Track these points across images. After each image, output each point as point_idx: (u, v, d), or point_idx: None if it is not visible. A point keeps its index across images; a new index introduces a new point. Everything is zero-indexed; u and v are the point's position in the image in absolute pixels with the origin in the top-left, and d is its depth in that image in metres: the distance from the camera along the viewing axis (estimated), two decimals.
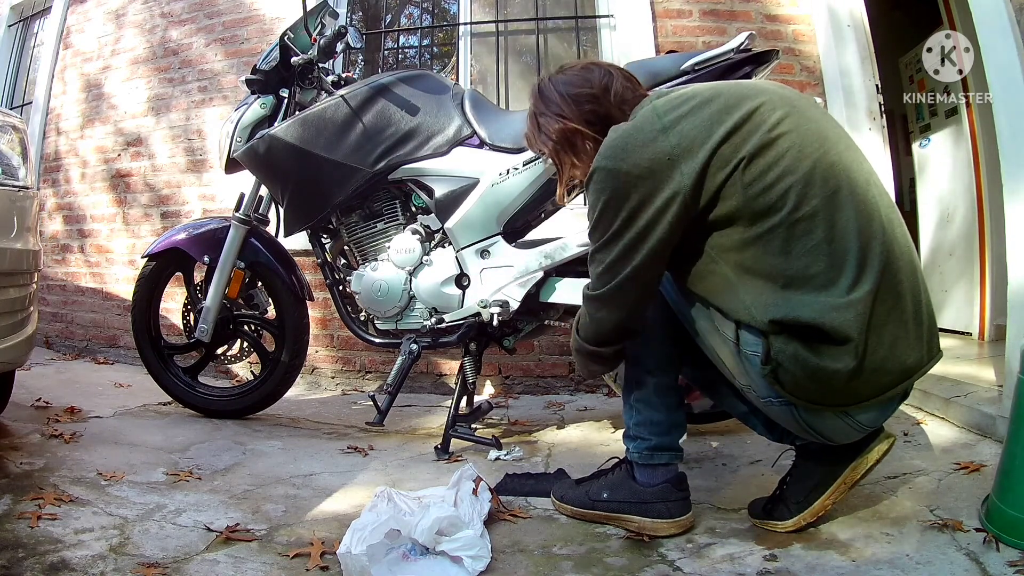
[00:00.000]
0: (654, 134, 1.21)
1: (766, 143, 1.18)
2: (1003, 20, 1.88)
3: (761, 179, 1.17)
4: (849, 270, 1.16)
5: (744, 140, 1.18)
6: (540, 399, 2.82)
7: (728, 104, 1.21)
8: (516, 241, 2.08)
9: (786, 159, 1.17)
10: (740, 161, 1.17)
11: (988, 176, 2.96)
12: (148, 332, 2.48)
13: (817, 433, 1.28)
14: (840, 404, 1.21)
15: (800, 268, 1.16)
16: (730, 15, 2.99)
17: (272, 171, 2.20)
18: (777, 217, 1.16)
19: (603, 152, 1.25)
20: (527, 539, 1.42)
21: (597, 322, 1.32)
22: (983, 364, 2.41)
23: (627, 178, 1.20)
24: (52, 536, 1.38)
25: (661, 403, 1.42)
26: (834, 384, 1.17)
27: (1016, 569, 1.16)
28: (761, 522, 1.40)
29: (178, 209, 3.58)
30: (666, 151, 1.19)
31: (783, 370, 1.19)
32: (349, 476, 1.83)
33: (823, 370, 1.16)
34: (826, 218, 1.16)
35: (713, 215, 1.20)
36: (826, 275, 1.16)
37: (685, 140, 1.19)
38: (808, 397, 1.21)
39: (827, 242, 1.16)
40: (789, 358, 1.18)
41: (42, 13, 4.47)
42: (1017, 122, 1.86)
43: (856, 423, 1.25)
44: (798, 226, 1.16)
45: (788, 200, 1.16)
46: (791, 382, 1.20)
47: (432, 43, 3.66)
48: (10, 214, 1.87)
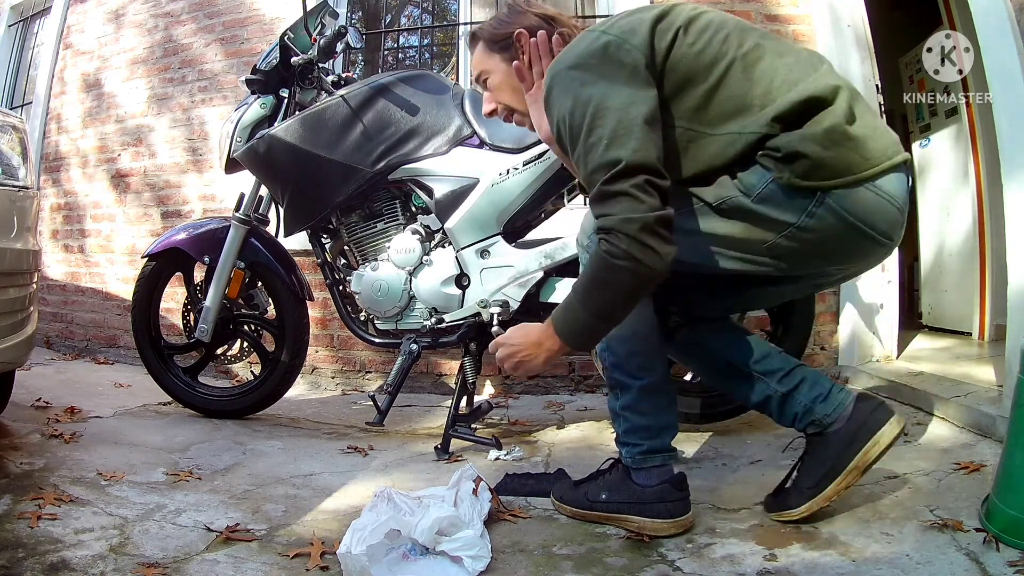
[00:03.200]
0: (596, 35, 1.29)
1: (692, 17, 1.30)
2: (1003, 20, 1.88)
3: (700, 37, 1.27)
4: (806, 66, 1.28)
5: (675, 17, 1.30)
6: (540, 399, 2.82)
7: (648, 8, 1.34)
8: (516, 241, 2.08)
9: (714, 22, 1.30)
10: (677, 30, 1.27)
11: (988, 176, 2.96)
12: (148, 332, 2.48)
13: (866, 225, 1.24)
14: (860, 168, 1.22)
15: (766, 84, 1.24)
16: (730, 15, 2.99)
17: (272, 171, 2.20)
18: (728, 59, 1.26)
19: (555, 62, 1.32)
20: (527, 539, 1.42)
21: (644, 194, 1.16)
22: (983, 364, 2.40)
23: (588, 63, 1.26)
24: (52, 536, 1.38)
25: (649, 407, 1.42)
26: (846, 138, 1.21)
27: (1016, 569, 1.16)
28: (775, 515, 1.41)
29: (178, 209, 3.59)
30: (612, 39, 1.26)
31: (802, 159, 1.20)
32: (349, 476, 1.83)
33: (832, 129, 1.20)
34: (768, 46, 1.29)
35: (672, 82, 1.26)
36: (791, 73, 1.25)
37: (624, 28, 1.28)
38: (834, 171, 1.21)
39: (778, 55, 1.28)
40: (799, 141, 1.21)
41: (42, 13, 4.47)
42: (1017, 122, 1.86)
43: (885, 193, 1.24)
44: (748, 56, 1.26)
45: (730, 43, 1.27)
46: (812, 166, 1.20)
47: (432, 43, 3.66)
48: (10, 214, 1.87)
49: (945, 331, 3.21)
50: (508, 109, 1.52)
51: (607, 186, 1.17)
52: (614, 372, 1.43)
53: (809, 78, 1.24)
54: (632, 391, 1.42)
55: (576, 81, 1.25)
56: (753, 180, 1.24)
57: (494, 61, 1.48)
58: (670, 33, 1.27)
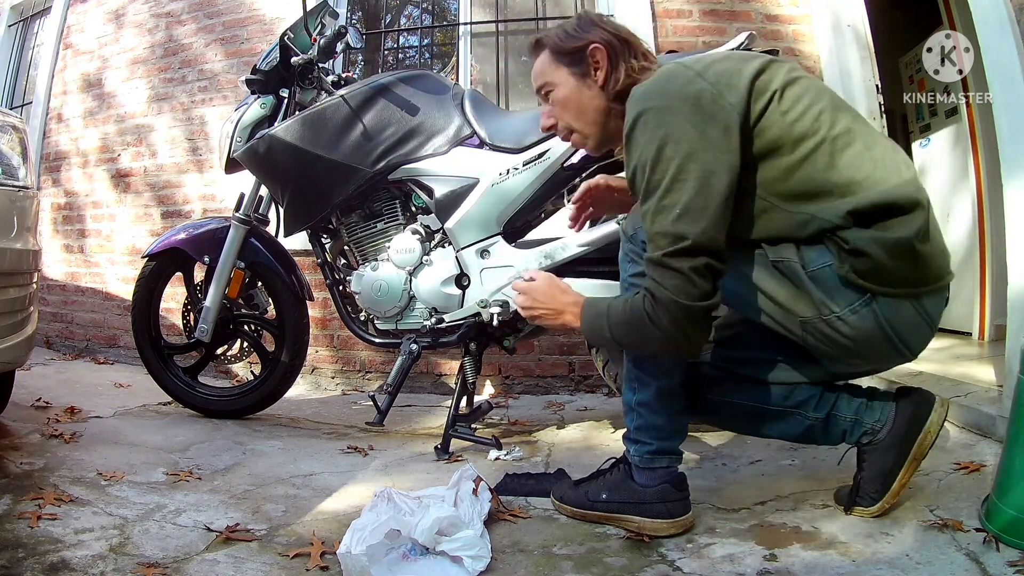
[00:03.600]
0: (691, 76, 1.23)
1: (789, 81, 1.26)
2: (1003, 20, 1.88)
3: (795, 107, 1.23)
4: (899, 164, 1.25)
5: (771, 78, 1.25)
6: (540, 399, 2.82)
7: (744, 57, 1.30)
8: (516, 241, 2.08)
9: (810, 92, 1.26)
10: (774, 93, 1.23)
11: (988, 176, 2.96)
12: (148, 332, 2.48)
13: (896, 337, 1.26)
14: (913, 284, 1.23)
15: (850, 175, 1.21)
16: (730, 15, 2.99)
17: (272, 171, 2.20)
18: (817, 137, 1.22)
19: (643, 96, 1.24)
20: (527, 539, 1.42)
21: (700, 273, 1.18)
22: (983, 364, 2.40)
23: (680, 110, 1.20)
24: (52, 536, 1.38)
25: (664, 408, 1.42)
26: (912, 254, 1.21)
27: (1016, 569, 1.16)
28: (848, 511, 1.42)
29: (178, 209, 3.59)
30: (707, 88, 1.21)
31: (864, 259, 1.20)
32: (349, 476, 1.83)
33: (902, 242, 1.20)
34: (859, 131, 1.25)
35: (757, 148, 1.23)
36: (876, 172, 1.22)
37: (722, 79, 1.23)
38: (888, 280, 1.22)
39: (867, 148, 1.23)
40: (867, 242, 1.20)
41: (42, 13, 4.47)
42: (1017, 122, 1.86)
43: (925, 314, 1.26)
44: (838, 140, 1.22)
45: (823, 121, 1.23)
46: (872, 269, 1.21)
47: (432, 43, 3.66)
48: (10, 214, 1.87)
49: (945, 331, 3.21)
50: (568, 128, 1.43)
51: (668, 259, 1.18)
52: (636, 367, 1.42)
53: (893, 182, 1.22)
54: (651, 389, 1.41)
55: (663, 127, 1.20)
56: (813, 256, 1.24)
57: (561, 74, 1.39)
58: (766, 96, 1.23)
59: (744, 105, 1.21)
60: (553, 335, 2.83)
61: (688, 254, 1.18)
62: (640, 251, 1.38)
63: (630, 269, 1.43)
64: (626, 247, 1.45)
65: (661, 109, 1.21)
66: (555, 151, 1.96)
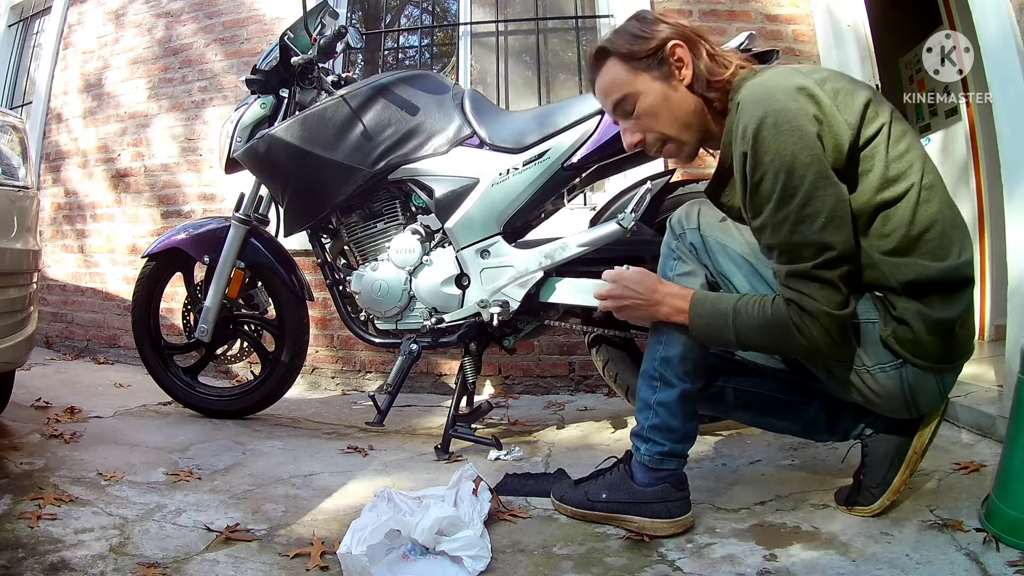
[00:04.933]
0: (811, 84, 1.17)
1: (895, 118, 1.23)
2: (1003, 20, 1.88)
3: (897, 144, 1.21)
4: (957, 239, 1.23)
5: (880, 108, 1.22)
6: (540, 399, 2.82)
7: (853, 80, 1.26)
8: (516, 241, 2.08)
9: (909, 135, 1.24)
10: (883, 124, 1.20)
11: (988, 176, 2.96)
12: (148, 332, 2.48)
13: (912, 400, 1.28)
14: (943, 361, 1.25)
15: (921, 232, 1.20)
16: (730, 15, 2.99)
17: (272, 171, 2.20)
18: (907, 182, 1.20)
19: (767, 95, 1.17)
20: (527, 539, 1.42)
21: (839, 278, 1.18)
22: (983, 364, 2.40)
23: (806, 119, 1.15)
24: (52, 536, 1.38)
25: (682, 411, 1.41)
26: (950, 336, 1.23)
27: (1016, 569, 1.16)
28: (848, 508, 1.43)
29: (178, 209, 3.59)
30: (827, 101, 1.17)
31: (906, 328, 1.21)
32: (349, 476, 1.83)
33: (945, 323, 1.21)
34: (939, 192, 1.23)
35: (855, 171, 1.21)
36: (938, 241, 1.21)
37: (839, 95, 1.19)
38: (922, 353, 1.23)
39: (941, 211, 1.22)
40: (913, 315, 1.20)
41: (42, 13, 4.47)
42: (1017, 122, 1.86)
43: (943, 386, 1.29)
44: (923, 193, 1.21)
45: (915, 169, 1.21)
46: (910, 340, 1.22)
47: (432, 43, 3.66)
48: (10, 214, 1.87)
49: None
50: (662, 139, 1.33)
51: (817, 270, 1.17)
52: (662, 367, 1.40)
53: (954, 259, 1.21)
54: (674, 390, 1.40)
55: (796, 132, 1.14)
56: (860, 310, 1.24)
57: (643, 81, 1.28)
58: (876, 123, 1.20)
59: (857, 126, 1.18)
60: (554, 334, 2.83)
61: (836, 263, 1.17)
62: (688, 250, 1.41)
63: (677, 268, 1.43)
64: (672, 244, 1.45)
65: (792, 112, 1.15)
66: (555, 151, 1.96)
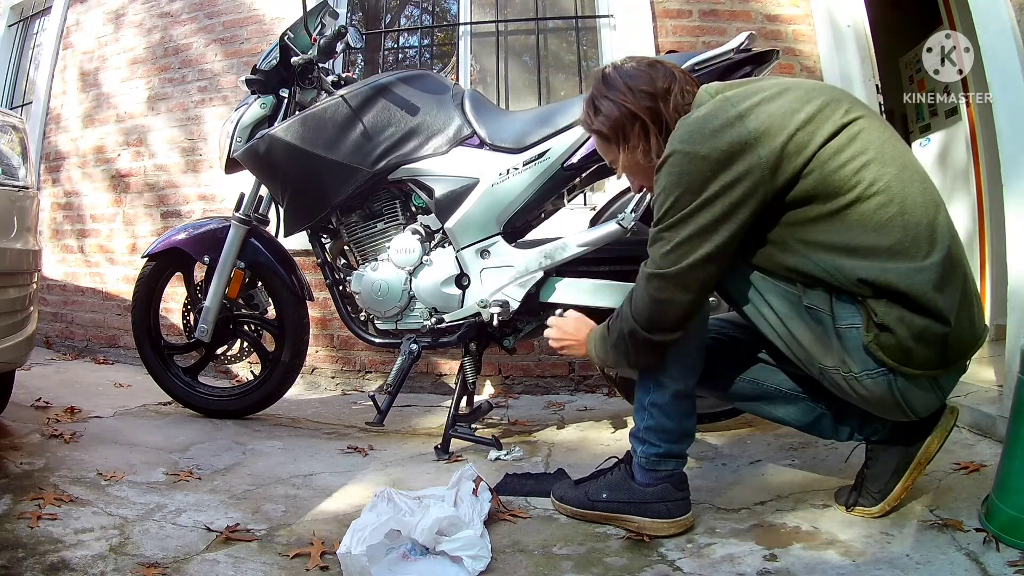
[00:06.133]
0: (731, 120, 1.22)
1: (840, 127, 1.23)
2: (1003, 20, 1.88)
3: (837, 158, 1.21)
4: (922, 242, 1.21)
5: (819, 126, 1.22)
6: (540, 399, 2.82)
7: (799, 96, 1.26)
8: (516, 241, 2.08)
9: (859, 140, 1.23)
10: (817, 147, 1.21)
11: (988, 176, 2.96)
12: (148, 332, 2.48)
13: (906, 404, 1.27)
14: (933, 367, 1.23)
15: (876, 240, 1.20)
16: (730, 15, 2.99)
17: (272, 171, 2.20)
18: (853, 193, 1.20)
19: (679, 137, 1.26)
20: (527, 539, 1.42)
21: (661, 304, 1.29)
22: (983, 364, 2.40)
23: (705, 162, 1.21)
24: (52, 536, 1.38)
25: (676, 411, 1.41)
26: (939, 342, 1.20)
27: (1016, 569, 1.16)
28: (848, 509, 1.43)
29: (178, 209, 3.58)
30: (744, 136, 1.21)
31: (888, 335, 1.20)
32: (349, 476, 1.83)
33: (929, 330, 1.19)
34: (899, 192, 1.21)
35: (790, 196, 1.23)
36: (901, 245, 1.20)
37: (763, 126, 1.21)
38: (909, 361, 1.22)
39: (900, 215, 1.20)
40: (895, 321, 1.20)
41: (42, 13, 4.47)
42: (1017, 122, 1.86)
43: (939, 390, 1.28)
44: (873, 199, 1.20)
45: (864, 176, 1.20)
46: (894, 346, 1.21)
47: (432, 43, 3.66)
48: (10, 214, 1.87)
49: None
50: (644, 188, 1.49)
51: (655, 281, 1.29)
52: (656, 368, 1.42)
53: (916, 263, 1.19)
54: (667, 391, 1.41)
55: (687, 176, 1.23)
56: (844, 313, 1.25)
57: (612, 152, 1.42)
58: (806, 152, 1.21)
59: (776, 159, 1.20)
60: None
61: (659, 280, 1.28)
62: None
63: None
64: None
65: (689, 155, 1.22)
66: (555, 151, 1.96)
